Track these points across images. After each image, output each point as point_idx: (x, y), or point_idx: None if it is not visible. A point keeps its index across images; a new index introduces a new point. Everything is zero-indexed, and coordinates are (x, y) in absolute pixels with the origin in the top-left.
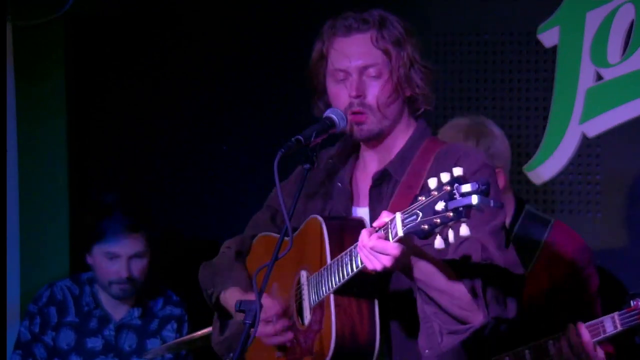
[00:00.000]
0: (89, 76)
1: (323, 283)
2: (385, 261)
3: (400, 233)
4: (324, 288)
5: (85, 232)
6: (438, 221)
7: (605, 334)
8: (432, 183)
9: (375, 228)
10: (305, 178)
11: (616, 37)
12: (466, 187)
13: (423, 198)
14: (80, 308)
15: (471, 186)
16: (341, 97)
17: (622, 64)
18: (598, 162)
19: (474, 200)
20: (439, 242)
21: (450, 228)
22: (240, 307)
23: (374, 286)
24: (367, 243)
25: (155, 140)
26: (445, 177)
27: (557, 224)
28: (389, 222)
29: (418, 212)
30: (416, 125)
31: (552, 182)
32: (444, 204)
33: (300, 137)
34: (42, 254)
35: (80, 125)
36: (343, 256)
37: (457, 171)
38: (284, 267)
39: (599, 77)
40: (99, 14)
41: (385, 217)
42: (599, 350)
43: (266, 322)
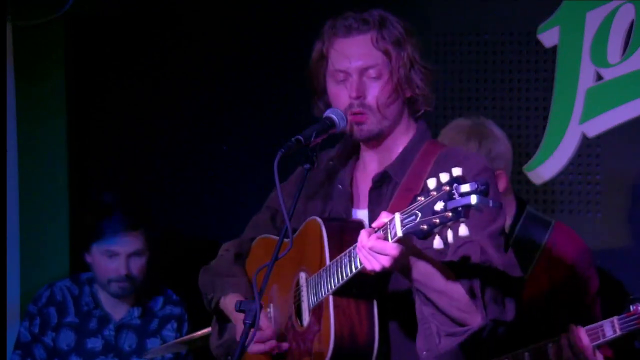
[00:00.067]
0: (89, 76)
1: (322, 284)
2: (384, 261)
3: (399, 233)
4: (323, 289)
5: (85, 232)
6: (437, 221)
7: (604, 338)
8: (432, 183)
9: (374, 229)
10: (305, 178)
11: (616, 37)
12: (465, 187)
13: (422, 198)
14: (79, 308)
15: (470, 186)
16: (341, 98)
17: (622, 64)
18: (598, 162)
19: (473, 200)
20: (438, 242)
21: (449, 228)
22: (240, 307)
23: (373, 287)
24: (366, 243)
25: (155, 140)
26: (444, 177)
27: (558, 226)
28: (388, 223)
29: (417, 213)
30: (416, 127)
31: (552, 182)
32: (443, 204)
33: (300, 137)
34: (42, 254)
35: (80, 125)
36: (342, 257)
37: (456, 171)
38: (283, 269)
39: (599, 77)
40: (99, 14)
41: (384, 218)
42: (598, 354)
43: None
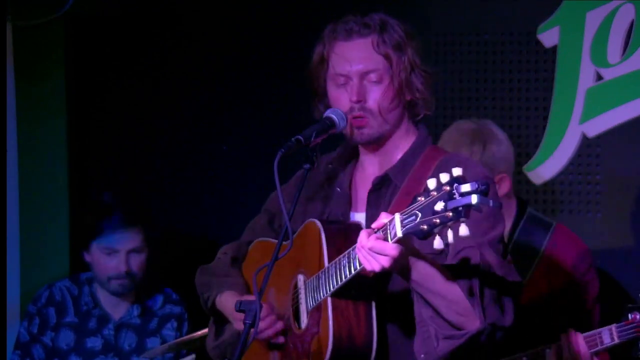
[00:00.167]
0: (89, 76)
1: (321, 286)
2: (383, 262)
3: (399, 234)
4: (322, 291)
5: (85, 232)
6: (437, 221)
7: (602, 346)
8: (432, 184)
9: (374, 229)
10: (305, 178)
11: (616, 37)
12: (465, 187)
13: (422, 199)
14: (79, 308)
15: (471, 186)
16: (342, 101)
17: (622, 64)
18: (598, 162)
19: (474, 199)
20: (438, 243)
21: (449, 228)
22: (240, 307)
23: (372, 288)
24: (366, 244)
25: (155, 140)
26: (444, 178)
27: (559, 228)
28: (388, 223)
29: (417, 213)
30: (418, 132)
31: (552, 182)
32: (444, 204)
33: (300, 137)
34: (42, 254)
35: (80, 125)
36: (341, 259)
37: (457, 171)
38: (281, 271)
39: (599, 77)
40: (99, 14)
41: (384, 219)
42: None
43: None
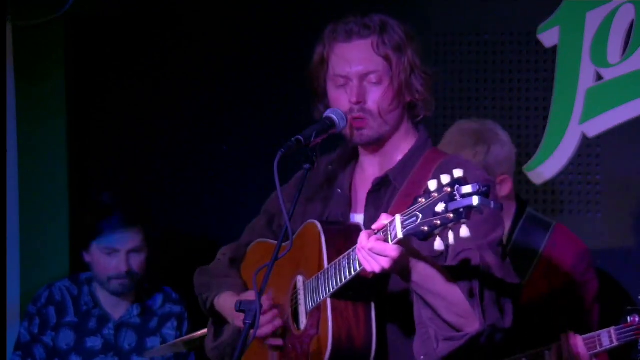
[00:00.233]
0: (89, 76)
1: (320, 287)
2: (384, 263)
3: (399, 235)
4: (321, 292)
5: (84, 232)
6: (438, 223)
7: (601, 348)
8: (432, 185)
9: (374, 230)
10: (305, 178)
11: (616, 37)
12: (467, 189)
13: (423, 200)
14: (79, 308)
15: (472, 187)
16: (341, 102)
17: (622, 64)
18: (598, 162)
19: (475, 201)
20: (439, 244)
21: (450, 229)
22: (240, 307)
23: (371, 289)
24: (366, 244)
25: (155, 140)
26: (445, 179)
27: (558, 227)
28: (389, 224)
29: (418, 214)
30: (418, 134)
31: (552, 182)
32: (444, 206)
33: (300, 137)
34: (42, 254)
35: (80, 125)
36: (341, 260)
37: (458, 173)
38: (280, 272)
39: (599, 77)
40: (99, 14)
41: (384, 220)
42: None
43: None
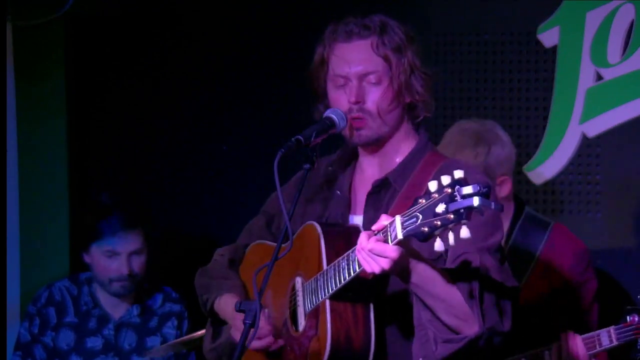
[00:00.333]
0: (89, 76)
1: (319, 289)
2: (383, 264)
3: (399, 236)
4: (320, 293)
5: (84, 232)
6: (438, 223)
7: (600, 348)
8: (433, 186)
9: (374, 231)
10: (305, 178)
11: (616, 37)
12: (467, 189)
13: (423, 201)
14: (79, 308)
15: (472, 188)
16: (341, 102)
17: (622, 64)
18: (598, 162)
19: (475, 202)
20: (439, 245)
21: (450, 230)
22: (240, 307)
23: (370, 291)
24: (366, 245)
25: (155, 140)
26: (445, 180)
27: (557, 227)
28: (389, 225)
29: (418, 215)
30: (419, 136)
31: (552, 182)
32: (445, 206)
33: (300, 137)
34: (42, 254)
35: (80, 125)
36: (340, 261)
37: (458, 174)
38: (279, 274)
39: (599, 77)
40: (99, 14)
41: (384, 220)
42: None
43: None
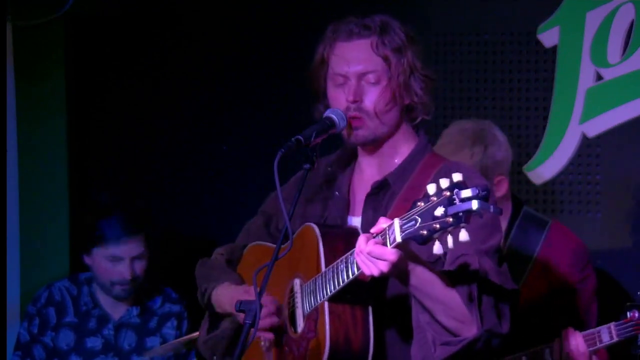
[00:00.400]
0: (89, 76)
1: (318, 290)
2: (382, 267)
3: (398, 239)
4: (319, 295)
5: (85, 233)
6: (437, 226)
7: (601, 344)
8: (431, 189)
9: (373, 234)
10: (305, 178)
11: (616, 37)
12: (466, 193)
13: (422, 204)
14: (78, 308)
15: (471, 191)
16: (339, 101)
17: (622, 64)
18: (598, 162)
19: (474, 205)
20: (438, 248)
21: (449, 233)
22: (240, 307)
23: (369, 293)
24: (365, 248)
25: (155, 140)
26: (444, 183)
27: (555, 225)
28: (387, 228)
29: (417, 218)
30: (418, 138)
31: (552, 182)
32: (444, 210)
33: (300, 137)
34: (42, 254)
35: (80, 125)
36: (338, 263)
37: (457, 177)
38: (277, 275)
39: (599, 77)
40: (99, 14)
41: (383, 223)
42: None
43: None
